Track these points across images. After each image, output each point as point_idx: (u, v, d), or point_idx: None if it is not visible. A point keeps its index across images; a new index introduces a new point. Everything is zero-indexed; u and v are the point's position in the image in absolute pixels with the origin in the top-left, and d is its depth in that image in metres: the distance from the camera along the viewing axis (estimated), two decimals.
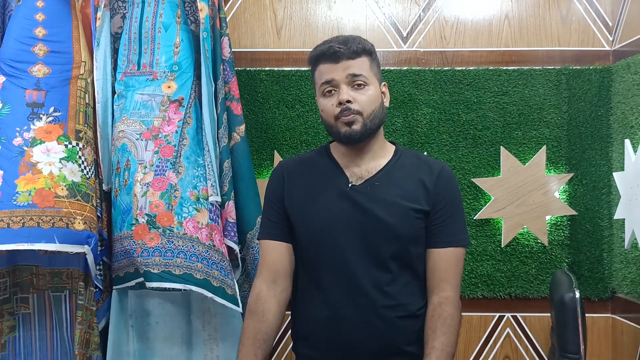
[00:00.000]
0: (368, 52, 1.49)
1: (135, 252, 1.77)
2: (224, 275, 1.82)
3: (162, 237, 1.77)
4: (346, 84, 1.46)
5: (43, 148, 1.78)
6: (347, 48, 1.46)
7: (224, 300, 1.81)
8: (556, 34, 2.27)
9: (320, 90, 1.50)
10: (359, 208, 1.48)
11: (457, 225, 1.52)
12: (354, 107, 1.45)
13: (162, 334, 1.94)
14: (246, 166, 2.04)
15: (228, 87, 2.03)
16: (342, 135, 1.48)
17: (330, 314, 1.48)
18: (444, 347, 1.42)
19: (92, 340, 1.84)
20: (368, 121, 1.47)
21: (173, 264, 1.76)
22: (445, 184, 1.52)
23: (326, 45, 1.48)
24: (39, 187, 1.72)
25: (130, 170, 1.84)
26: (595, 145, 2.22)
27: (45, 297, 1.98)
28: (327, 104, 1.48)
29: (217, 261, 1.82)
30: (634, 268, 2.05)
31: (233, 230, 1.93)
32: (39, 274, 1.97)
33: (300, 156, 1.67)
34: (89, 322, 1.83)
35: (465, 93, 2.24)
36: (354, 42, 1.47)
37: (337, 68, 1.46)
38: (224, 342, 1.97)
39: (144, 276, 1.77)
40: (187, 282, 1.76)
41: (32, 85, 1.83)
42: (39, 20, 1.88)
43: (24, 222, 1.68)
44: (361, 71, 1.46)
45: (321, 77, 1.49)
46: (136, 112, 1.89)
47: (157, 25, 1.94)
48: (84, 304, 1.83)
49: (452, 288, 1.48)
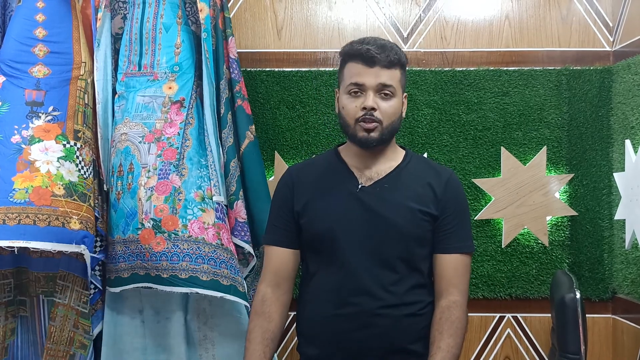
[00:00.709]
0: (402, 64, 1.51)
1: (144, 257, 1.79)
2: (234, 274, 1.82)
3: (167, 241, 1.78)
4: (374, 91, 1.47)
5: (41, 146, 1.78)
6: (385, 56, 1.47)
7: (236, 298, 1.82)
8: (556, 34, 2.27)
9: (347, 89, 1.50)
10: (368, 209, 1.50)
11: (465, 232, 1.56)
12: (377, 115, 1.47)
13: (169, 331, 1.95)
14: (258, 167, 2.04)
15: (239, 87, 2.03)
16: (358, 138, 1.50)
17: (335, 313, 1.50)
18: (450, 348, 1.45)
19: (77, 339, 1.85)
20: (386, 131, 1.50)
21: (179, 268, 1.77)
22: (453, 190, 1.56)
23: (364, 46, 1.48)
24: (36, 185, 1.72)
25: (133, 174, 1.84)
26: (595, 145, 2.22)
27: (37, 301, 1.97)
28: (351, 104, 1.49)
29: (225, 260, 1.82)
30: (634, 268, 2.05)
31: (244, 229, 1.93)
32: (32, 279, 1.97)
33: (308, 161, 1.70)
34: (73, 321, 1.84)
35: (465, 93, 2.24)
36: (392, 51, 1.48)
37: (369, 73, 1.47)
38: (221, 342, 1.97)
39: (156, 280, 1.78)
40: (193, 285, 1.77)
41: (32, 85, 1.83)
42: (39, 20, 1.88)
43: (20, 219, 1.67)
44: (392, 82, 1.48)
45: (351, 76, 1.49)
46: (138, 115, 1.90)
47: (157, 26, 1.94)
48: (63, 302, 1.83)
49: (459, 293, 1.51)
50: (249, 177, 2.00)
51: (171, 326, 1.94)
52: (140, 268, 1.81)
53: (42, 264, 1.96)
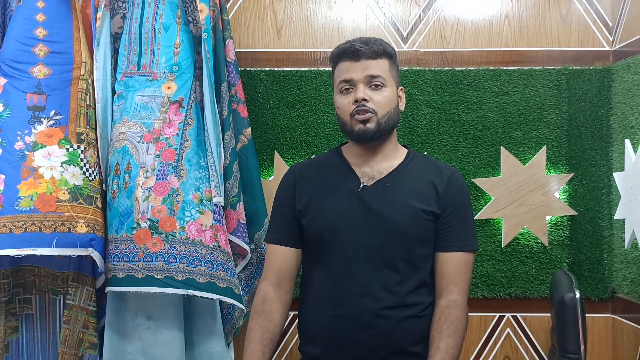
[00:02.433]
0: (388, 54, 1.52)
1: (137, 257, 1.78)
2: (230, 276, 1.83)
3: (164, 242, 1.78)
4: (364, 84, 1.48)
5: (44, 152, 1.79)
6: (368, 48, 1.49)
7: (232, 300, 1.83)
8: (556, 34, 2.27)
9: (338, 88, 1.52)
10: (370, 208, 1.50)
11: (467, 230, 1.55)
12: (370, 105, 1.48)
13: (161, 335, 1.92)
14: (253, 169, 2.07)
15: (235, 90, 2.04)
16: (355, 132, 1.50)
17: (337, 313, 1.50)
18: (449, 349, 1.44)
19: (86, 339, 1.85)
20: (382, 121, 1.49)
21: (176, 270, 1.77)
22: (456, 188, 1.55)
23: (348, 44, 1.51)
24: (40, 192, 1.73)
25: (131, 174, 1.84)
26: (595, 145, 2.22)
27: (46, 298, 1.98)
28: (344, 101, 1.51)
29: (222, 262, 1.82)
30: (634, 268, 2.05)
31: (244, 231, 1.95)
32: (42, 275, 1.97)
33: (310, 159, 1.70)
34: (83, 321, 1.84)
35: (465, 93, 2.24)
36: (376, 43, 1.50)
37: (356, 67, 1.49)
38: (205, 343, 1.96)
39: (145, 281, 1.76)
40: (190, 287, 1.77)
41: (33, 88, 1.84)
42: (40, 20, 1.88)
43: (26, 227, 1.69)
44: (380, 72, 1.49)
45: (340, 75, 1.52)
46: (137, 114, 1.89)
47: (157, 25, 1.94)
48: (74, 303, 1.83)
49: (460, 292, 1.51)
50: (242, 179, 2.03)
51: (160, 334, 1.89)
52: (122, 270, 1.79)
53: (53, 261, 1.94)
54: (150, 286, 1.76)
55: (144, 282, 1.77)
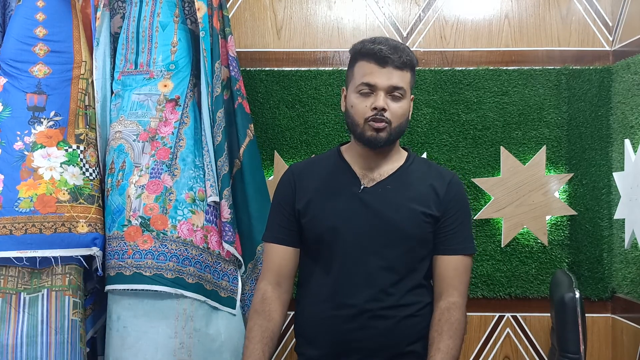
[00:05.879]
0: (413, 66, 1.51)
1: (126, 254, 1.77)
2: (216, 279, 1.83)
3: (155, 240, 1.77)
4: (385, 92, 1.46)
5: (44, 153, 1.79)
6: (397, 57, 1.46)
7: (216, 303, 1.83)
8: (556, 34, 2.27)
9: (357, 88, 1.49)
10: (370, 210, 1.50)
11: (466, 234, 1.55)
12: (387, 116, 1.47)
13: (143, 338, 1.79)
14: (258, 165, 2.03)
15: (238, 85, 2.02)
16: (367, 137, 1.49)
17: (334, 314, 1.49)
18: (449, 350, 1.44)
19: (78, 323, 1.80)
20: (394, 132, 1.49)
21: (165, 268, 1.76)
22: (456, 192, 1.55)
23: (376, 46, 1.47)
24: (40, 192, 1.73)
25: (124, 172, 1.84)
26: (595, 145, 2.22)
27: (10, 300, 1.75)
28: (361, 104, 1.48)
29: (210, 264, 1.82)
30: (634, 268, 2.05)
31: (231, 230, 1.88)
32: (8, 275, 1.76)
33: (310, 159, 1.70)
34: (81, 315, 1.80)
35: (465, 93, 2.24)
36: (404, 52, 1.48)
37: (381, 73, 1.46)
38: (199, 347, 1.81)
39: (132, 278, 1.76)
40: (179, 286, 1.77)
41: (33, 87, 1.84)
42: (40, 20, 1.89)
43: (27, 229, 1.68)
44: (402, 84, 1.48)
45: (363, 75, 1.48)
46: (133, 113, 1.89)
47: (154, 24, 1.94)
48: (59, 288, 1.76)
49: (459, 294, 1.51)
50: (250, 176, 1.99)
51: (127, 335, 1.77)
52: (113, 268, 1.78)
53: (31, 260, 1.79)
54: (138, 283, 1.76)
55: (132, 279, 1.76)
